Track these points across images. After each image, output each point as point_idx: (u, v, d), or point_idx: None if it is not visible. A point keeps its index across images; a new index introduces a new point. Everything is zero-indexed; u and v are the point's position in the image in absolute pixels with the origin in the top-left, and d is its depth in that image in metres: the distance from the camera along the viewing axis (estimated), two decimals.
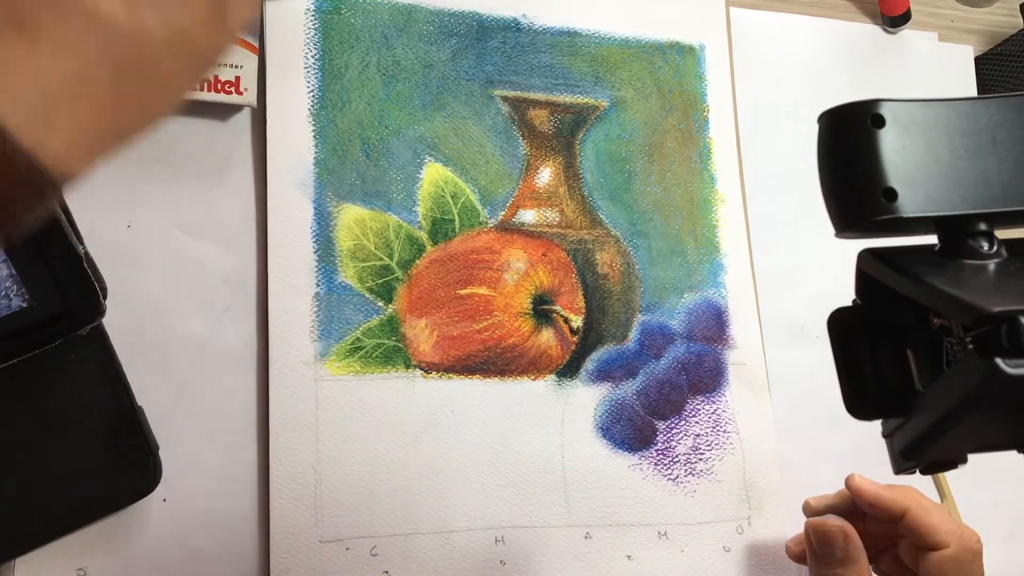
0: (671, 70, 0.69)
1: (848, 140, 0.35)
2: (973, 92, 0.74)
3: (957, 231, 0.35)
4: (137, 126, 0.30)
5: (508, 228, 0.63)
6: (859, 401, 0.37)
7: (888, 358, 0.37)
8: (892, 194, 0.34)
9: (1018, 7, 0.74)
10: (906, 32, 0.74)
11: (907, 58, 0.74)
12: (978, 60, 0.75)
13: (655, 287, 0.64)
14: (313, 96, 0.61)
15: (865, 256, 0.36)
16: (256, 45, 0.59)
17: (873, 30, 0.74)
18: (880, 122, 0.35)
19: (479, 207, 0.63)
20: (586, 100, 0.67)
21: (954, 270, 0.35)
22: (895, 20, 0.73)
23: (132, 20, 0.28)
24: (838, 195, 0.35)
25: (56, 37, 0.27)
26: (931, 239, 0.37)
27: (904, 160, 0.34)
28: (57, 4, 0.27)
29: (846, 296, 0.46)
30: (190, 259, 0.58)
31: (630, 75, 0.68)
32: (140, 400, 0.53)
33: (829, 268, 0.66)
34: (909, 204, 0.34)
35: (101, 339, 0.53)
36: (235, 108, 0.60)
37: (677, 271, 0.65)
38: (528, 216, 0.64)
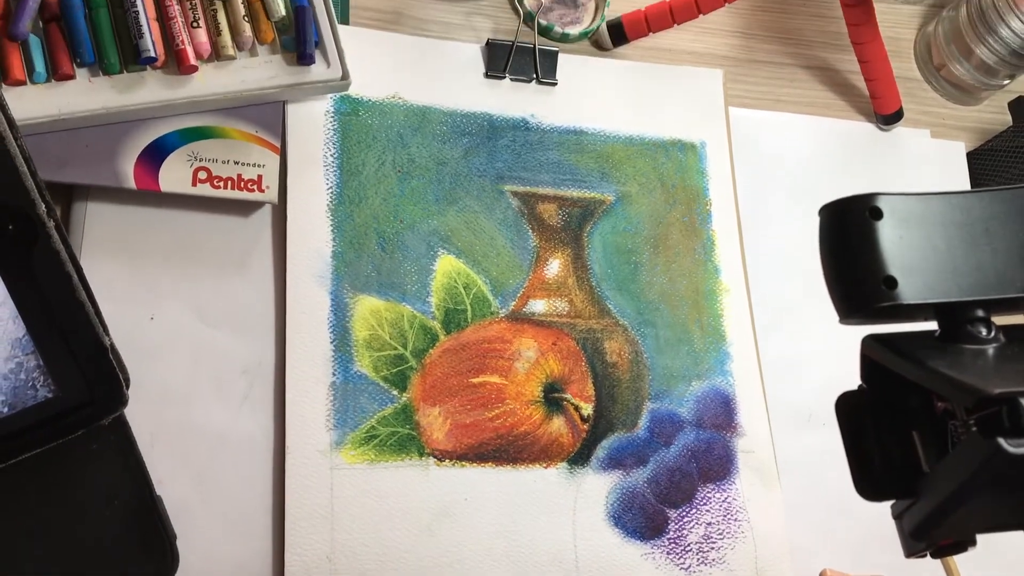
0: (674, 166, 0.72)
1: (848, 232, 0.37)
2: (966, 186, 0.77)
3: (956, 317, 0.37)
4: None
5: (519, 318, 0.65)
6: (868, 482, 0.38)
7: (895, 440, 0.38)
8: (892, 282, 0.36)
9: (1006, 105, 0.77)
10: (899, 129, 0.78)
11: (901, 154, 0.77)
12: (970, 155, 0.78)
13: (663, 375, 0.66)
14: (331, 192, 0.64)
15: (869, 342, 0.38)
16: (278, 145, 0.62)
17: (867, 128, 0.77)
18: (878, 214, 0.37)
19: (491, 298, 0.65)
20: (593, 195, 0.69)
21: (955, 354, 0.36)
22: (888, 118, 0.77)
23: None
24: (840, 284, 0.37)
25: None
26: (931, 325, 0.38)
27: (902, 250, 0.36)
28: None
29: (851, 382, 0.47)
30: (210, 349, 0.59)
31: (635, 171, 0.71)
32: (159, 488, 0.54)
33: (833, 355, 0.67)
34: (909, 291, 0.36)
35: (122, 429, 0.54)
36: (257, 205, 0.62)
37: (684, 359, 0.66)
38: (538, 306, 0.66)
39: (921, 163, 0.77)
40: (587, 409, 0.64)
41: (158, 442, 0.56)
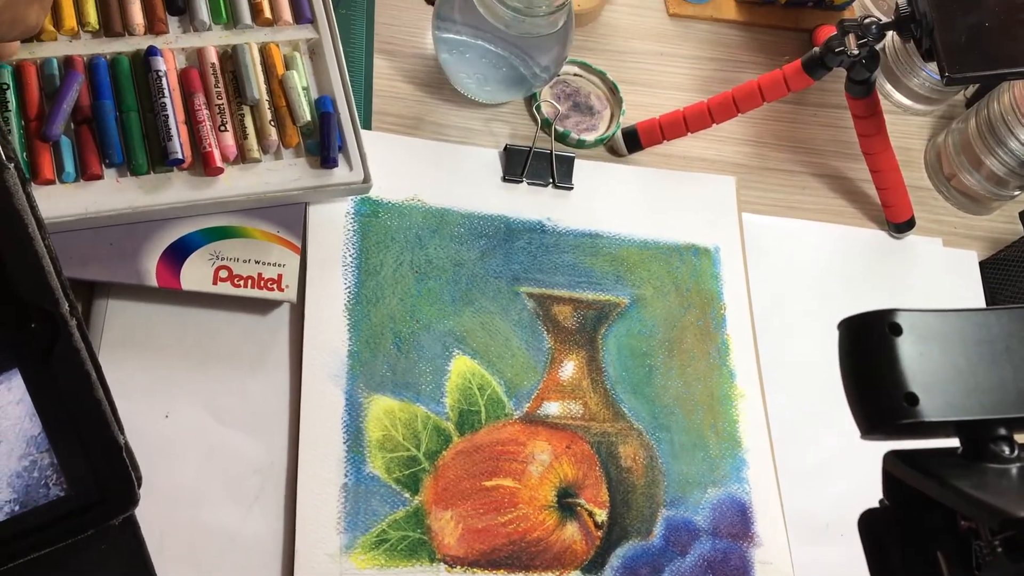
0: (688, 270, 0.72)
1: (868, 348, 0.37)
2: (979, 295, 0.77)
3: (978, 435, 0.37)
4: None
5: (533, 420, 0.65)
6: None
7: (919, 559, 0.38)
8: (914, 399, 0.36)
9: (1017, 215, 0.78)
10: (912, 238, 0.78)
11: (914, 262, 0.77)
12: (982, 264, 0.78)
13: (679, 481, 0.65)
14: (349, 292, 0.65)
15: (891, 459, 0.38)
16: (299, 245, 0.63)
17: (879, 235, 0.78)
18: (897, 330, 0.37)
19: (505, 399, 0.65)
20: (608, 297, 0.70)
21: (978, 473, 0.36)
22: (900, 227, 0.77)
23: None
24: (861, 400, 0.37)
25: None
26: (953, 442, 0.38)
27: (923, 367, 0.36)
28: None
29: (869, 495, 0.46)
30: (223, 449, 0.59)
31: (649, 274, 0.71)
32: None
33: (851, 466, 0.67)
34: (930, 409, 0.36)
35: (132, 529, 0.54)
36: (275, 303, 0.63)
37: (700, 466, 0.66)
38: (552, 408, 0.66)
39: (934, 272, 0.77)
40: (601, 515, 0.63)
41: (167, 543, 0.55)
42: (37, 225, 0.48)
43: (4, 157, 0.47)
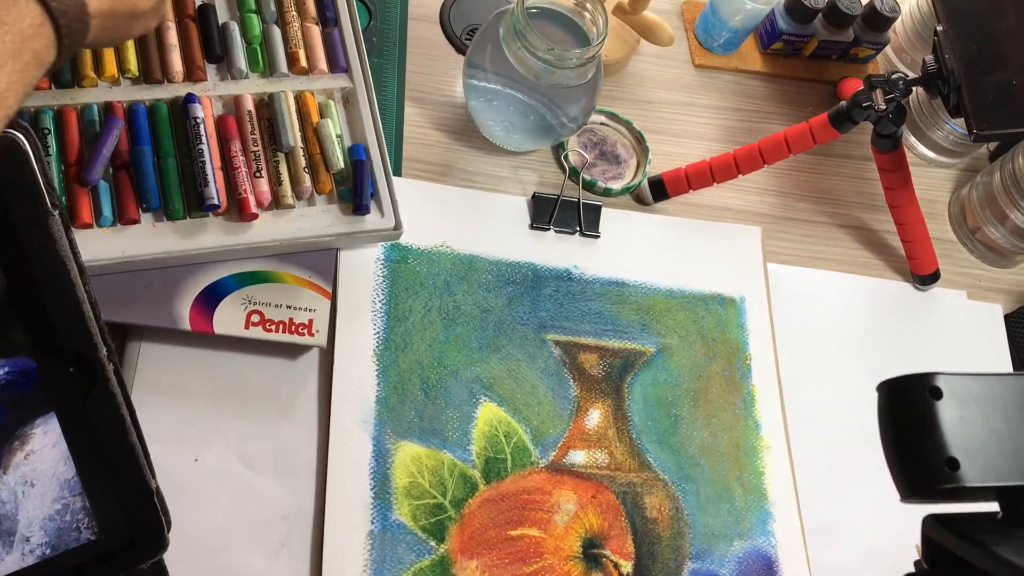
0: (714, 320, 0.72)
1: (909, 411, 0.37)
2: (1004, 349, 0.77)
3: (1019, 501, 0.37)
4: None
5: (559, 469, 0.65)
6: None
7: None
8: (955, 464, 0.36)
9: None
10: (936, 290, 0.78)
11: (939, 315, 0.77)
12: (1007, 318, 0.78)
13: (704, 534, 0.65)
14: (378, 337, 0.65)
15: (930, 523, 0.38)
16: (329, 290, 0.63)
17: (904, 287, 0.78)
18: (938, 394, 0.37)
19: (531, 447, 0.65)
20: (634, 346, 0.70)
21: (1019, 539, 0.36)
22: (925, 279, 0.78)
23: None
24: (902, 464, 0.37)
25: None
26: (993, 506, 0.38)
27: (963, 431, 0.36)
28: None
29: (897, 551, 0.46)
30: (251, 494, 0.59)
31: (675, 323, 0.72)
32: None
33: (878, 521, 0.66)
34: (971, 474, 0.36)
35: (161, 573, 0.54)
36: (305, 348, 0.63)
37: (726, 518, 0.66)
38: (578, 457, 0.66)
39: (959, 325, 0.77)
40: (627, 567, 0.63)
41: None
42: (79, 271, 0.49)
43: (49, 204, 0.47)
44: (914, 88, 0.68)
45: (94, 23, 0.45)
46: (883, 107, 0.67)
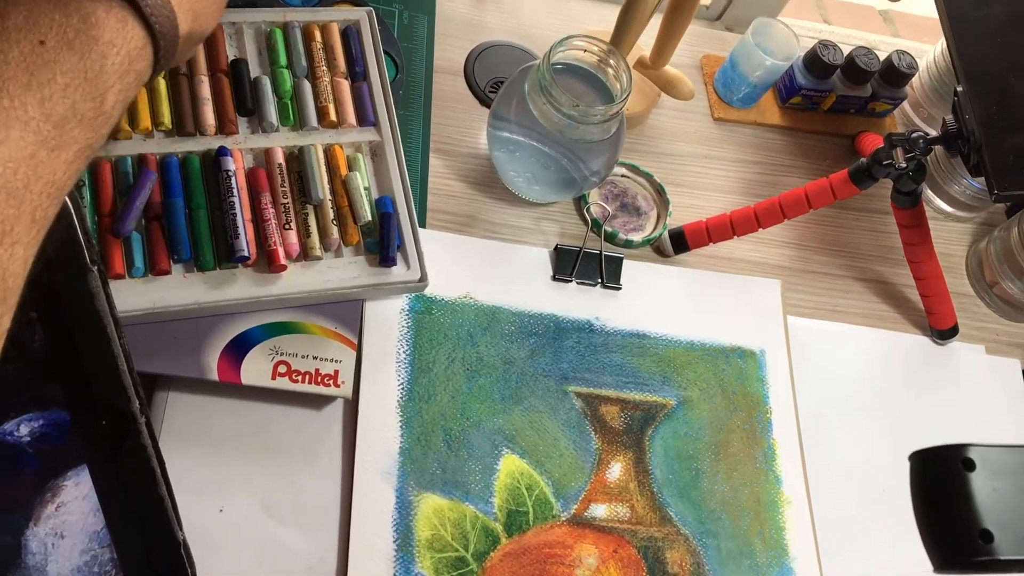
0: (734, 373, 0.73)
1: (942, 483, 0.37)
2: (1022, 404, 0.77)
3: None
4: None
5: (580, 522, 0.65)
6: None
7: None
8: (988, 536, 0.36)
9: None
10: (955, 344, 0.79)
11: (957, 369, 0.78)
12: None
13: None
14: (402, 388, 0.65)
15: None
16: (355, 341, 0.64)
17: (923, 341, 0.79)
18: (971, 466, 0.37)
19: (552, 500, 0.65)
20: (655, 398, 0.70)
21: None
22: (944, 333, 0.78)
23: None
24: (936, 535, 0.37)
25: None
26: None
27: (996, 503, 0.37)
28: None
29: None
30: (275, 545, 0.59)
31: (696, 376, 0.72)
32: None
33: None
34: (1005, 546, 0.36)
35: None
36: (330, 399, 0.64)
37: (747, 574, 0.65)
38: (599, 511, 0.66)
39: (977, 380, 0.78)
40: None
41: None
42: (115, 325, 0.49)
43: (88, 260, 0.48)
44: (934, 147, 0.69)
45: (180, 44, 0.46)
46: (903, 165, 0.68)
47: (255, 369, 0.61)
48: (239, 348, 0.61)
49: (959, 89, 0.67)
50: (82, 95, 0.39)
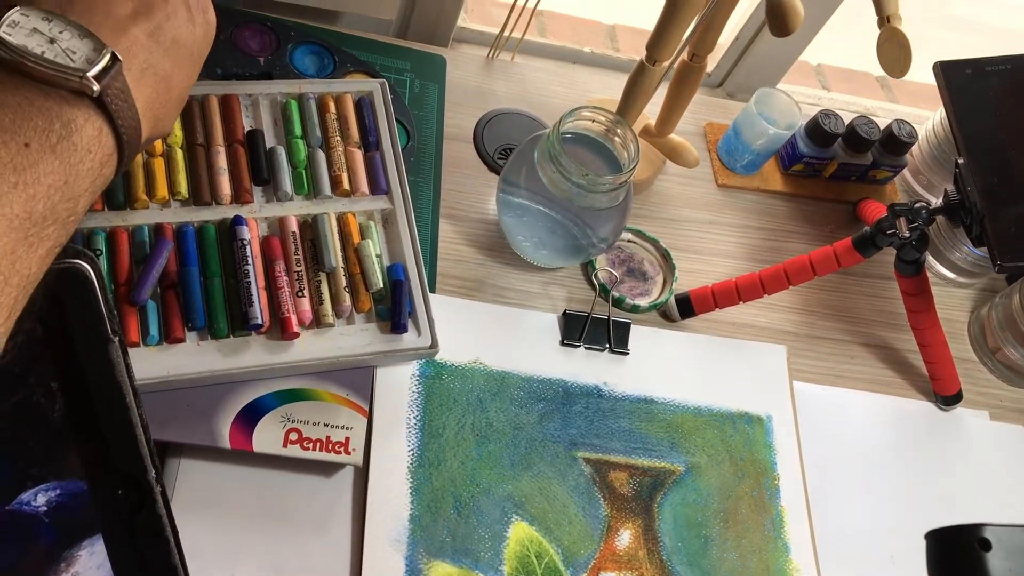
0: (742, 439, 0.73)
1: (959, 563, 0.37)
2: None
3: None
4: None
5: None
6: None
7: None
8: None
9: None
10: (959, 410, 0.79)
11: (962, 435, 0.78)
12: None
13: None
14: (412, 455, 0.66)
15: None
16: (366, 408, 0.64)
17: (928, 407, 0.79)
18: (987, 546, 0.38)
19: (562, 568, 0.65)
20: (663, 464, 0.71)
21: None
22: (948, 399, 0.79)
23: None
24: None
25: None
26: None
27: None
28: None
29: None
30: None
31: (703, 442, 0.72)
32: None
33: None
34: None
35: None
36: (341, 466, 0.64)
37: None
38: None
39: (982, 446, 0.78)
40: None
41: None
42: (133, 395, 0.50)
43: (110, 331, 0.49)
44: (936, 217, 0.70)
45: (139, 148, 0.48)
46: (907, 235, 0.69)
47: (267, 437, 0.61)
48: (251, 415, 0.62)
49: (960, 161, 0.68)
50: (61, 197, 0.41)
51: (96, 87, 0.42)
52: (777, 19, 0.50)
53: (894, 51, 0.59)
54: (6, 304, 0.38)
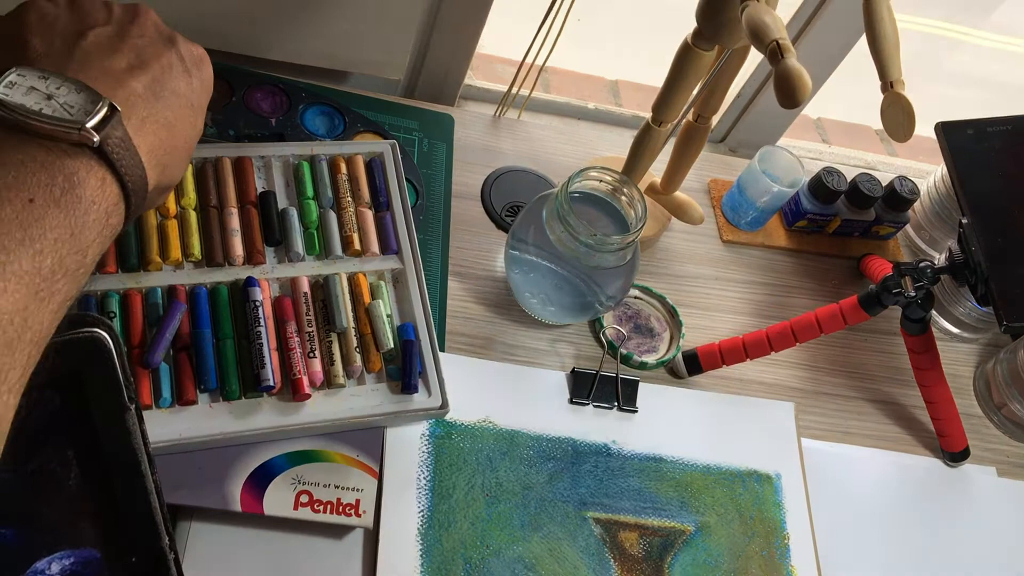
0: (751, 497, 0.73)
1: None
2: None
3: None
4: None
5: None
6: None
7: None
8: None
9: None
10: (967, 466, 0.79)
11: (969, 492, 0.78)
12: None
13: None
14: (423, 516, 0.65)
15: None
16: (376, 469, 0.64)
17: (935, 464, 0.79)
18: None
19: None
20: (673, 524, 0.70)
21: None
22: (955, 456, 0.79)
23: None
24: None
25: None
26: None
27: None
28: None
29: None
30: None
31: (713, 501, 0.72)
32: None
33: None
34: None
35: None
36: (351, 528, 0.64)
37: None
38: None
39: (989, 502, 0.78)
40: None
41: None
42: (148, 462, 0.50)
43: (127, 399, 0.49)
44: (942, 276, 0.71)
45: (149, 196, 0.48)
46: (912, 294, 0.70)
47: (278, 499, 0.61)
48: (262, 477, 0.61)
49: (964, 221, 0.69)
50: (68, 249, 0.41)
51: (96, 138, 0.42)
52: (786, 92, 0.51)
53: (898, 116, 0.60)
54: (20, 361, 0.38)
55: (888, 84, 0.61)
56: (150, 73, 0.48)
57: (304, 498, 0.62)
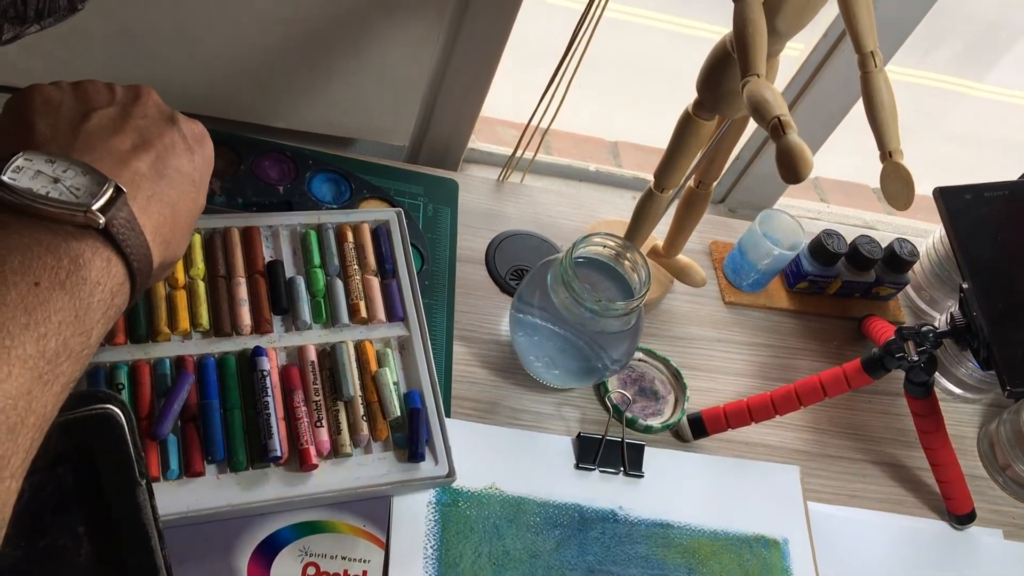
0: (759, 563, 0.73)
1: None
2: None
3: None
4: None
5: None
6: None
7: None
8: None
9: None
10: (973, 529, 0.79)
11: (976, 554, 0.78)
12: None
13: None
14: None
15: None
16: (383, 539, 0.64)
17: (942, 527, 0.79)
18: None
19: None
20: None
21: None
22: (961, 519, 0.78)
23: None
24: None
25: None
26: None
27: None
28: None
29: None
30: None
31: (721, 567, 0.72)
32: None
33: None
34: None
35: None
36: None
37: None
38: None
39: (996, 565, 0.78)
40: None
41: None
42: (158, 537, 0.50)
43: (138, 475, 0.49)
44: (944, 340, 0.71)
45: (153, 273, 0.48)
46: (915, 358, 0.70)
47: (285, 572, 0.61)
48: (269, 549, 0.61)
49: (965, 286, 0.70)
50: (72, 331, 0.41)
51: (101, 219, 0.42)
52: (788, 168, 0.51)
53: (897, 185, 0.61)
54: (23, 446, 0.38)
55: (887, 154, 0.62)
56: (153, 152, 0.48)
57: (311, 570, 0.61)
